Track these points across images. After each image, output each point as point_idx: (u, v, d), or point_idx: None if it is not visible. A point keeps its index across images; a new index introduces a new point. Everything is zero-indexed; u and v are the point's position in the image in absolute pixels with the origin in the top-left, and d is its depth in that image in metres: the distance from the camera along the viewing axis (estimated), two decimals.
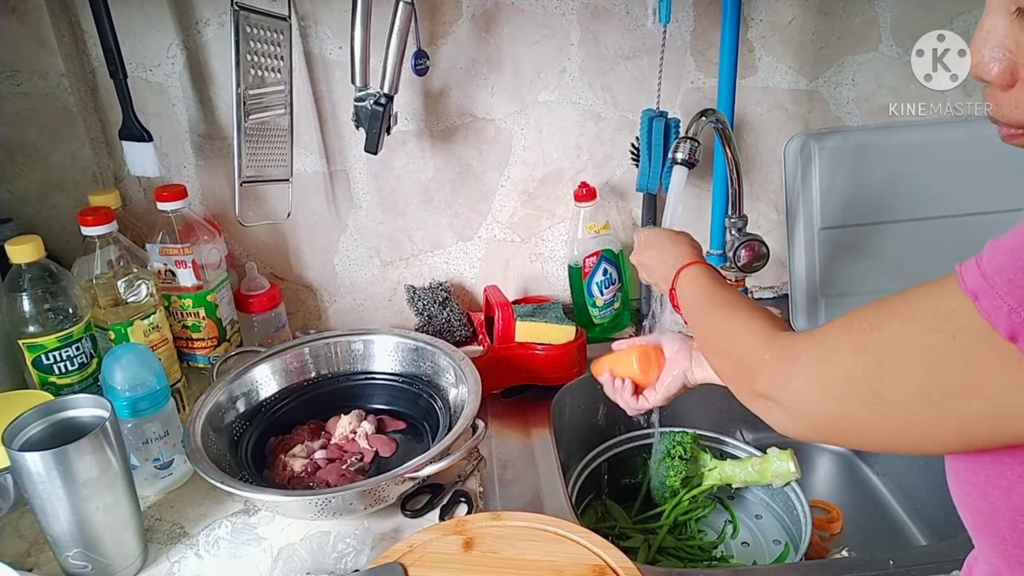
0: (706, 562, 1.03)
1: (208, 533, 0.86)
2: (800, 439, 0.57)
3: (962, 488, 0.51)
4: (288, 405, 1.05)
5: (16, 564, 0.81)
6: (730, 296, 0.74)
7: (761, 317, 0.65)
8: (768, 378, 0.57)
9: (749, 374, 0.60)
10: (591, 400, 1.16)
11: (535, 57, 1.16)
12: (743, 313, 0.67)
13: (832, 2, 1.16)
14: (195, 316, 1.11)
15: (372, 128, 1.02)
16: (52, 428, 0.80)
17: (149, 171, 1.09)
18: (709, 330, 0.73)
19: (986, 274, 0.43)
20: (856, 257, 1.19)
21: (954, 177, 1.17)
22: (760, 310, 0.67)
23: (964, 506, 0.52)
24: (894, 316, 0.48)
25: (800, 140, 1.18)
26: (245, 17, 1.00)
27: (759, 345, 0.60)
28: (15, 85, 1.07)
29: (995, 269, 0.42)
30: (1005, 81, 0.47)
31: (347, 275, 1.28)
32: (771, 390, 0.57)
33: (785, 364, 0.56)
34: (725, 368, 0.68)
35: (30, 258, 0.91)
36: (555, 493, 0.93)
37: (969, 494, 0.50)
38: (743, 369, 0.62)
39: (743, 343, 0.63)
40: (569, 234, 1.26)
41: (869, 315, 0.50)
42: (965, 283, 0.44)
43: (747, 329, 0.64)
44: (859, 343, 0.49)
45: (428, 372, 1.06)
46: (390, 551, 0.79)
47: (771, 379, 0.57)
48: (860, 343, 0.49)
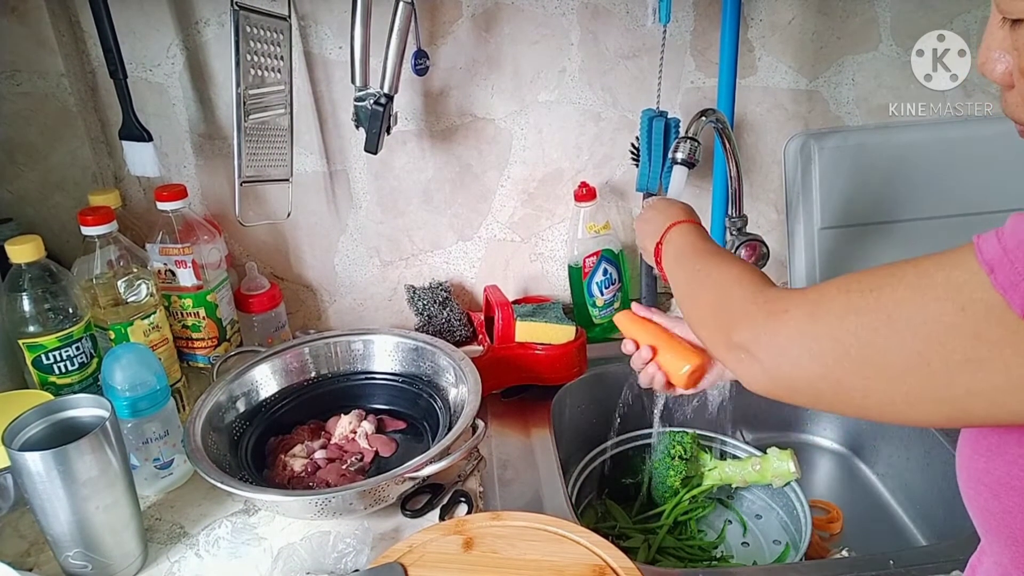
0: (706, 562, 1.03)
1: (208, 533, 0.86)
2: (768, 396, 0.55)
3: (973, 488, 0.50)
4: (288, 405, 1.05)
5: (16, 564, 0.81)
6: (721, 251, 0.71)
7: (752, 271, 0.63)
8: (749, 329, 0.55)
9: (730, 322, 0.57)
10: (591, 400, 1.16)
11: (535, 57, 1.16)
12: (734, 266, 0.65)
13: (832, 2, 1.16)
14: (195, 316, 1.11)
15: (372, 128, 1.02)
16: (52, 428, 0.80)
17: (149, 171, 1.09)
18: (693, 278, 0.70)
19: (1007, 247, 0.42)
20: (856, 257, 1.19)
21: (954, 177, 1.17)
22: (752, 267, 0.65)
23: (975, 506, 0.51)
24: (899, 281, 0.46)
25: (800, 140, 1.18)
26: (245, 17, 1.00)
27: (747, 296, 0.58)
28: (15, 85, 1.07)
29: (1017, 243, 0.41)
30: (1007, 81, 0.49)
31: (347, 275, 1.28)
32: (750, 341, 0.54)
33: (772, 317, 0.54)
34: (703, 316, 0.65)
35: (30, 258, 0.91)
36: (555, 493, 0.93)
37: (980, 494, 0.50)
38: (724, 317, 0.59)
39: (729, 293, 0.60)
40: (569, 234, 1.26)
41: (871, 278, 0.48)
42: (982, 255, 0.42)
43: (736, 280, 0.61)
44: (856, 304, 0.48)
45: (428, 372, 1.06)
46: (390, 551, 0.79)
47: (753, 330, 0.55)
48: (857, 304, 0.48)
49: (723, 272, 0.65)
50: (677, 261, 0.75)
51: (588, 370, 1.13)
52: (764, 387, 0.54)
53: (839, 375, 0.48)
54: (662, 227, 0.79)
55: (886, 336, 0.46)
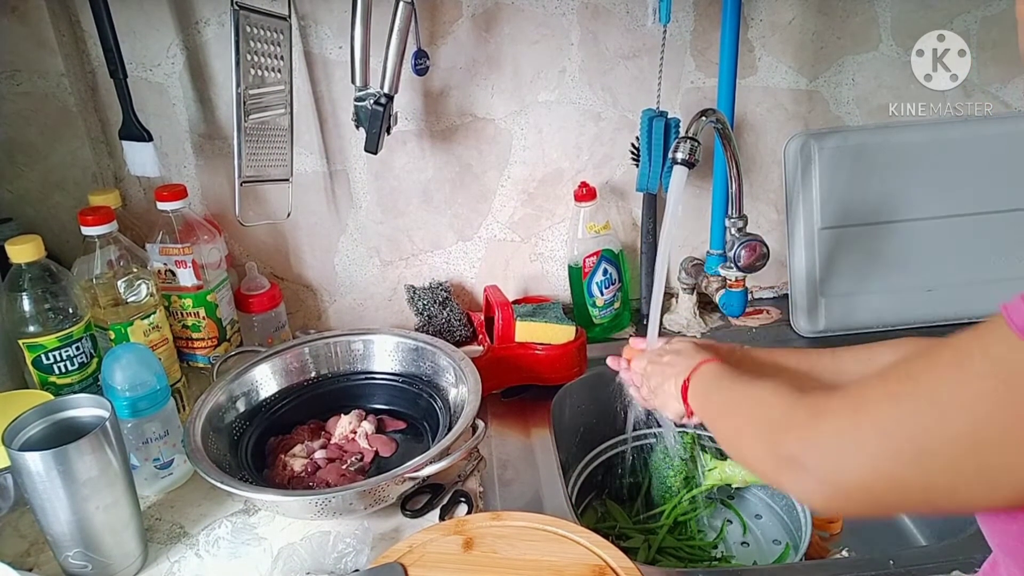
0: (706, 562, 1.03)
1: (208, 533, 0.86)
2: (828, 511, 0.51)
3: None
4: (288, 405, 1.05)
5: (16, 564, 0.81)
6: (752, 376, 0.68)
7: (787, 384, 0.60)
8: (796, 437, 0.52)
9: (773, 437, 0.54)
10: (591, 400, 1.16)
11: (535, 57, 1.16)
12: (767, 384, 0.61)
13: (832, 2, 1.16)
14: (195, 316, 1.11)
15: (372, 128, 1.02)
16: (52, 428, 0.80)
17: (149, 171, 1.09)
18: (728, 403, 0.68)
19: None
20: (856, 257, 1.19)
21: (954, 177, 1.17)
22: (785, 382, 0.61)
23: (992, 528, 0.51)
24: (935, 363, 0.45)
25: (800, 140, 1.18)
26: (245, 17, 1.00)
27: (786, 406, 0.55)
28: (15, 85, 1.07)
29: None
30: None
31: (347, 275, 1.28)
32: (797, 450, 0.51)
33: (815, 419, 0.51)
34: (744, 438, 0.61)
35: (30, 258, 0.91)
36: (555, 493, 0.93)
37: (998, 515, 0.49)
38: (766, 433, 0.56)
39: (768, 408, 0.58)
40: (569, 234, 1.26)
41: (908, 365, 0.47)
42: (1014, 322, 0.41)
43: (773, 393, 0.58)
44: (896, 392, 0.46)
45: (428, 372, 1.06)
46: (390, 551, 0.79)
47: (799, 438, 0.52)
48: (897, 392, 0.46)
49: (757, 389, 0.62)
50: (708, 394, 0.73)
51: (588, 370, 1.13)
52: (821, 499, 0.50)
53: (891, 469, 0.46)
54: (688, 367, 0.77)
55: (933, 421, 0.44)
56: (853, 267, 1.20)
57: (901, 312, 1.20)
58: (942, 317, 1.19)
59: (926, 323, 1.19)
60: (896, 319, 1.20)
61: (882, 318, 1.20)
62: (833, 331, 1.21)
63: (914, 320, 1.20)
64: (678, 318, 1.26)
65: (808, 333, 1.22)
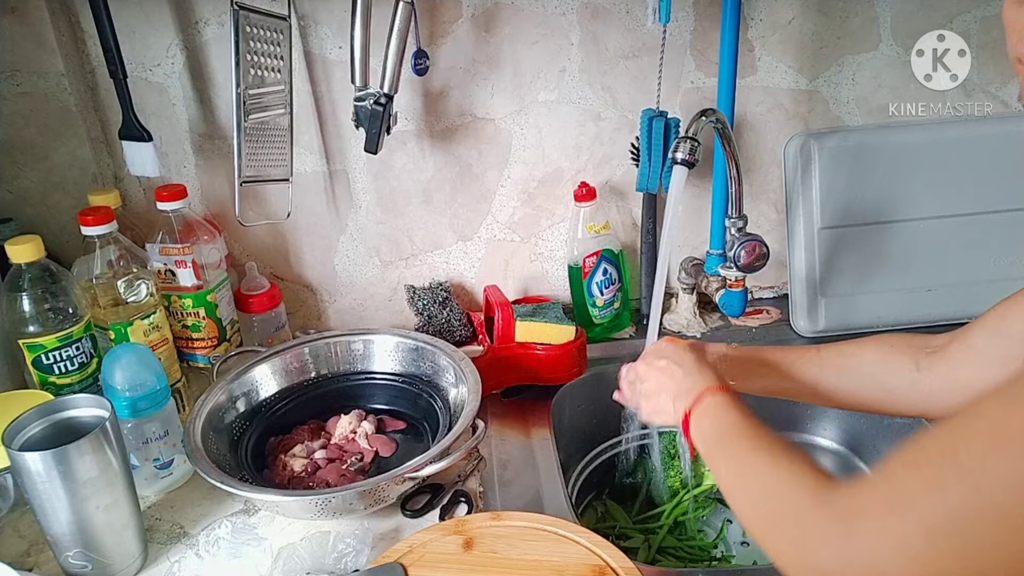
0: (706, 562, 1.03)
1: (208, 533, 0.86)
2: None
3: None
4: (288, 405, 1.05)
5: (16, 564, 0.81)
6: (764, 431, 0.63)
7: (802, 461, 0.55)
8: (830, 549, 0.47)
9: (802, 542, 0.50)
10: (591, 400, 1.16)
11: (535, 57, 1.16)
12: (782, 457, 0.56)
13: (832, 2, 1.16)
14: (195, 316, 1.11)
15: (372, 128, 1.02)
16: (52, 428, 0.80)
17: (149, 171, 1.09)
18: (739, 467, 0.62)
19: None
20: (856, 257, 1.19)
21: (954, 177, 1.17)
22: (801, 455, 0.56)
23: None
24: (972, 439, 0.41)
25: (800, 140, 1.18)
26: (245, 17, 1.00)
27: (810, 502, 0.50)
28: (15, 85, 1.07)
29: None
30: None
31: (347, 275, 1.28)
32: (837, 565, 0.46)
33: (848, 526, 0.46)
34: (769, 535, 0.54)
35: (30, 258, 0.91)
36: (555, 493, 0.93)
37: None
38: (792, 532, 0.51)
39: (790, 501, 0.52)
40: (569, 234, 1.26)
41: (935, 443, 0.43)
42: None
43: (790, 475, 0.54)
44: (933, 479, 0.42)
45: (428, 372, 1.06)
46: (390, 551, 0.79)
47: (834, 550, 0.47)
48: (934, 479, 0.42)
49: (773, 465, 0.57)
50: (718, 442, 0.67)
51: (588, 370, 1.13)
52: None
53: (936, 564, 0.42)
54: (691, 390, 0.72)
55: (982, 509, 0.40)
56: (853, 267, 1.20)
57: (901, 312, 1.20)
58: (942, 317, 1.19)
59: (926, 323, 1.19)
60: (896, 319, 1.20)
61: (882, 318, 1.20)
62: (833, 331, 1.21)
63: (914, 320, 1.20)
64: (678, 318, 1.27)
65: (808, 333, 1.22)
